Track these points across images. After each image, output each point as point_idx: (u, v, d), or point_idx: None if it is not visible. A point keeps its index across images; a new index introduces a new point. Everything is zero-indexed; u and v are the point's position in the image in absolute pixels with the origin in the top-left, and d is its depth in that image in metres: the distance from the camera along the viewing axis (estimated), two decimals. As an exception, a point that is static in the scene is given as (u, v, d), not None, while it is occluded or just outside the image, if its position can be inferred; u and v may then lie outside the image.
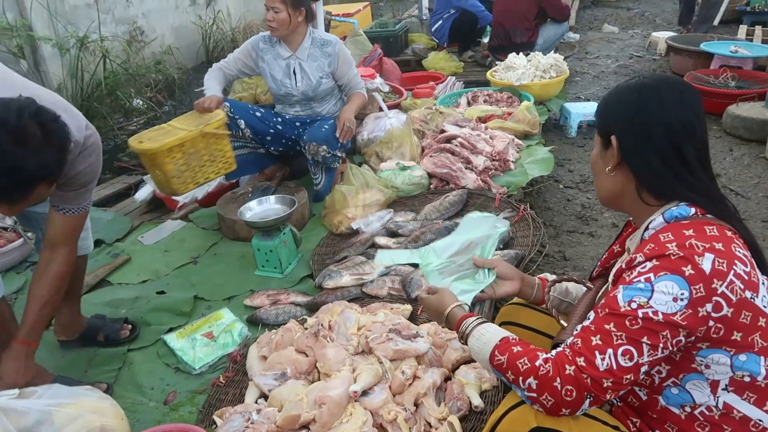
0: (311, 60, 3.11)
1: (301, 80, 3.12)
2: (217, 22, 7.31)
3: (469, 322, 1.36)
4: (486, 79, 4.87)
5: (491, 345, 1.26)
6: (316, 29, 3.19)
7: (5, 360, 1.72)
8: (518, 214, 2.75)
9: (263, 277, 2.65)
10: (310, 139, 2.98)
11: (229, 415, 1.78)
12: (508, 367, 1.20)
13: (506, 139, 3.50)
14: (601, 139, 1.31)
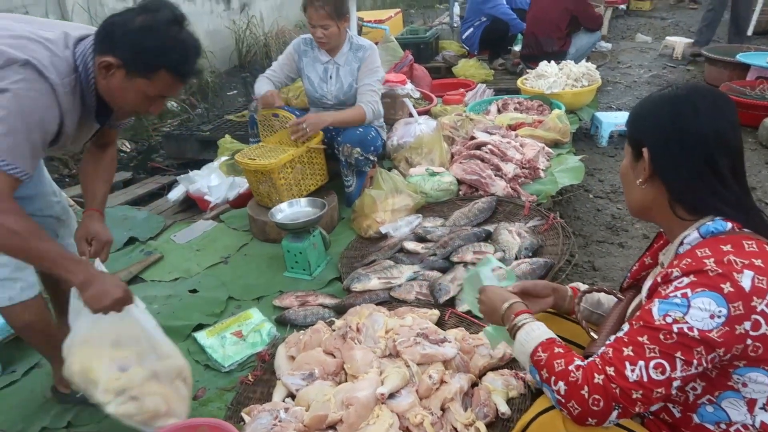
0: (347, 65, 3.14)
1: (335, 84, 3.16)
2: (251, 26, 7.43)
3: (526, 317, 1.36)
4: (516, 87, 4.86)
5: (538, 341, 1.26)
6: (355, 34, 3.22)
7: (91, 223, 1.84)
8: (548, 223, 2.74)
9: (292, 278, 2.69)
10: (344, 141, 3.01)
11: (257, 413, 1.81)
12: (545, 365, 1.21)
13: (536, 147, 3.49)
14: (632, 150, 1.28)
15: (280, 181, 2.88)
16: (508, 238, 2.58)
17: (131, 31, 1.54)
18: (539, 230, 2.73)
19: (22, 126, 1.48)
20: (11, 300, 1.79)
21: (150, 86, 1.59)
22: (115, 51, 1.54)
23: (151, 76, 1.57)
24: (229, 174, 3.60)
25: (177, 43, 1.57)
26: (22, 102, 1.47)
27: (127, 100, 1.62)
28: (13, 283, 1.78)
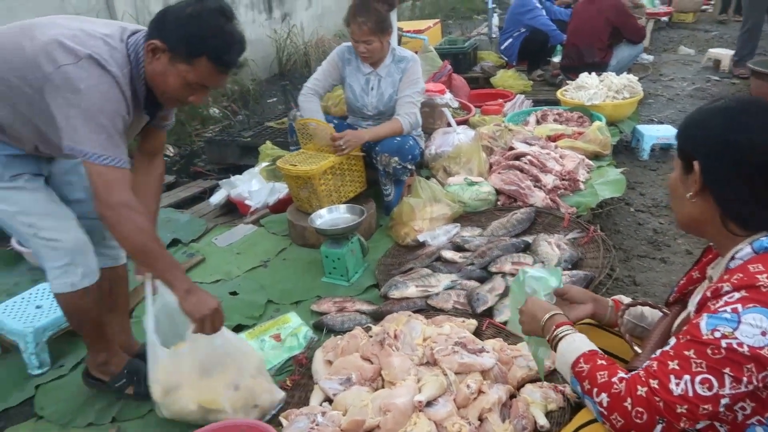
0: (388, 76, 3.16)
1: (375, 96, 3.19)
2: (291, 36, 7.56)
3: (567, 328, 1.36)
4: (555, 99, 4.82)
5: (579, 351, 1.26)
6: (397, 46, 3.24)
7: None
8: (588, 235, 2.71)
9: (330, 284, 2.72)
10: (382, 150, 3.03)
11: (294, 417, 1.83)
12: (587, 377, 1.20)
13: (576, 159, 3.46)
14: (681, 163, 1.25)
15: (320, 187, 2.92)
16: (547, 249, 2.56)
17: (179, 18, 1.63)
18: (579, 243, 2.70)
19: (105, 120, 1.58)
20: (73, 286, 1.82)
21: (191, 72, 1.65)
22: (163, 35, 1.63)
23: (193, 61, 1.64)
24: (269, 179, 3.67)
25: (220, 33, 1.64)
26: (95, 98, 1.56)
27: (169, 84, 1.68)
28: (75, 268, 1.81)
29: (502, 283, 2.41)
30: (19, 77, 1.60)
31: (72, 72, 1.55)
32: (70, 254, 1.79)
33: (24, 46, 1.59)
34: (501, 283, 2.41)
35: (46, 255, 1.79)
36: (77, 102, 1.55)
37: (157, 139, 2.04)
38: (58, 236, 1.77)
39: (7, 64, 1.60)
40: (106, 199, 1.60)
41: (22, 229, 1.76)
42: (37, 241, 1.77)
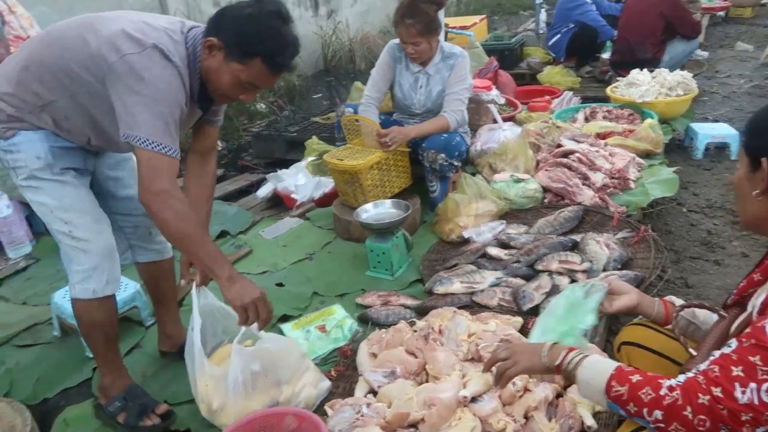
0: (437, 73, 3.15)
1: (424, 94, 3.18)
2: (337, 32, 7.61)
3: (576, 353, 1.29)
4: (604, 96, 4.71)
5: (606, 374, 1.19)
6: (446, 42, 3.22)
7: None
8: (638, 235, 2.64)
9: (374, 277, 2.74)
10: (429, 147, 3.03)
11: (339, 407, 1.86)
12: (630, 399, 1.14)
13: (627, 157, 3.37)
14: (748, 160, 1.22)
15: (366, 181, 2.94)
16: (596, 248, 2.51)
17: (237, 18, 1.65)
18: (629, 242, 2.64)
19: (165, 109, 1.62)
20: (94, 293, 1.79)
21: (244, 72, 1.67)
22: (220, 34, 1.66)
23: (246, 61, 1.66)
24: (315, 174, 3.71)
25: (275, 35, 1.65)
26: (159, 86, 1.60)
27: (222, 82, 1.71)
28: (100, 275, 1.78)
29: (548, 281, 2.38)
30: (82, 68, 1.63)
31: (136, 61, 1.58)
32: (98, 258, 1.78)
33: (88, 38, 1.63)
34: (547, 281, 2.38)
35: (74, 256, 1.78)
36: (139, 89, 1.58)
37: (209, 137, 2.06)
38: (91, 237, 1.76)
39: (71, 53, 1.64)
40: (149, 185, 1.61)
41: (57, 225, 1.75)
42: (69, 240, 1.76)
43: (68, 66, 1.64)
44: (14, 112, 1.69)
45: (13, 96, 1.68)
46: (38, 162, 1.71)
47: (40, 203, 1.75)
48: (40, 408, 2.16)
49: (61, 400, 2.19)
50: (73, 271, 1.79)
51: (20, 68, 1.68)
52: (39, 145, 1.71)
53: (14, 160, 1.72)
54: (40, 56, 1.68)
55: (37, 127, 1.71)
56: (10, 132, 1.70)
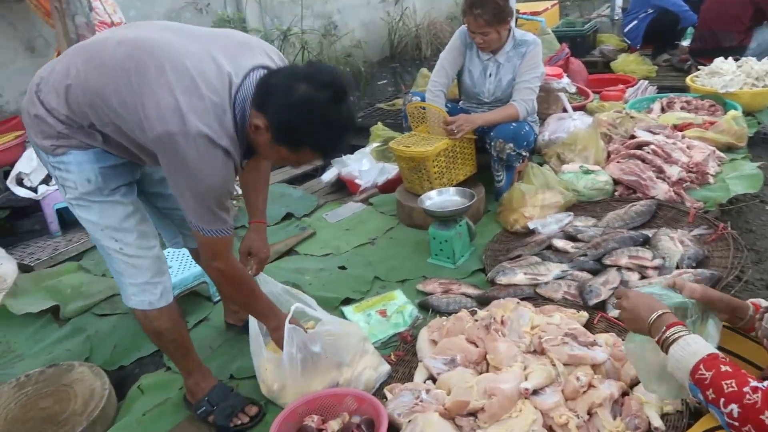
0: (508, 62, 3.08)
1: (493, 82, 3.12)
2: (404, 18, 7.57)
3: (680, 329, 1.27)
4: (683, 85, 4.48)
5: (698, 356, 1.18)
6: (518, 29, 3.13)
7: (253, 237, 2.07)
8: (716, 233, 2.51)
9: (435, 265, 2.73)
10: (497, 136, 2.97)
11: (399, 391, 1.87)
12: (711, 385, 1.12)
13: (706, 151, 3.20)
14: None
15: (432, 169, 2.93)
16: (669, 244, 2.41)
17: (288, 104, 1.48)
18: (705, 240, 2.52)
19: (211, 201, 1.58)
20: (151, 305, 1.81)
21: (291, 156, 1.59)
22: (267, 114, 1.51)
23: (294, 149, 1.56)
24: (379, 160, 3.73)
25: (328, 128, 1.52)
26: (203, 180, 1.53)
27: (270, 157, 1.71)
28: (154, 287, 1.80)
29: (617, 276, 2.30)
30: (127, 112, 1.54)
31: (180, 143, 1.47)
32: (150, 273, 1.79)
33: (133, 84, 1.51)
34: (616, 276, 2.30)
35: (126, 271, 1.77)
36: (184, 175, 1.52)
37: None
38: (142, 254, 1.76)
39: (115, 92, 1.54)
40: (210, 263, 1.72)
41: (107, 243, 1.74)
42: (121, 257, 1.75)
43: (113, 105, 1.55)
44: (64, 129, 1.62)
45: (63, 114, 1.61)
46: (88, 185, 1.67)
47: (89, 221, 1.73)
48: (117, 374, 2.29)
49: (135, 368, 2.32)
50: (126, 283, 1.80)
51: (66, 86, 1.59)
52: (89, 167, 1.65)
53: (63, 179, 1.68)
54: (85, 78, 1.57)
55: (87, 145, 1.65)
56: (60, 150, 1.64)
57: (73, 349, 2.43)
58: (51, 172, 1.72)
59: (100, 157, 1.67)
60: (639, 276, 2.34)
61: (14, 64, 4.09)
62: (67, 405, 2.04)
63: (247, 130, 1.59)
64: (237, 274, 1.77)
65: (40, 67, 1.72)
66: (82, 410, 1.99)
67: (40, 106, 1.62)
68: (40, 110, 1.62)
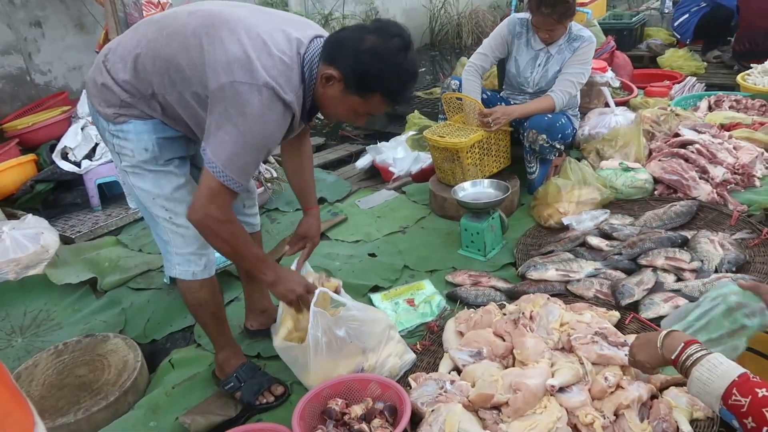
0: (559, 54, 3.02)
1: (540, 72, 3.07)
2: (446, 6, 7.49)
3: (697, 348, 1.20)
4: (733, 83, 4.33)
5: (728, 379, 1.11)
6: (575, 24, 3.07)
7: (311, 222, 2.10)
8: (759, 237, 2.43)
9: (466, 257, 2.71)
10: (530, 126, 2.93)
11: (423, 380, 1.88)
12: (750, 413, 1.06)
13: (754, 152, 3.09)
14: None
15: (466, 160, 2.90)
16: (708, 247, 2.35)
17: (359, 51, 1.55)
18: (747, 244, 2.44)
19: (251, 155, 1.60)
20: (194, 276, 1.85)
21: (362, 105, 1.63)
22: (339, 65, 1.57)
23: (366, 96, 1.60)
24: (414, 148, 3.71)
25: (399, 73, 1.58)
26: (254, 129, 1.55)
27: (338, 110, 1.69)
28: (198, 258, 1.84)
29: (652, 277, 2.25)
30: (194, 74, 1.59)
31: (245, 92, 1.52)
32: (196, 244, 1.82)
33: (205, 47, 1.57)
34: (651, 277, 2.25)
35: (173, 240, 1.81)
36: (237, 122, 1.53)
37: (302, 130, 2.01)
38: (190, 225, 1.74)
39: (186, 56, 1.59)
40: (199, 206, 1.62)
41: (157, 211, 1.78)
42: (170, 226, 1.79)
43: (181, 66, 1.60)
44: (127, 98, 1.67)
45: (128, 83, 1.66)
46: (145, 154, 1.72)
47: (142, 189, 1.77)
48: (149, 347, 2.35)
49: (167, 343, 2.38)
50: (172, 252, 1.84)
51: (135, 55, 1.65)
52: (147, 136, 1.71)
53: (120, 146, 1.73)
54: (155, 47, 1.63)
55: (147, 116, 1.70)
56: (121, 118, 1.69)
57: (109, 320, 2.50)
58: (108, 140, 1.77)
59: (158, 127, 1.73)
60: (675, 278, 2.29)
61: (63, 41, 4.20)
62: (101, 374, 2.11)
63: (314, 87, 1.65)
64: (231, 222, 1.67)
65: (88, 45, 1.78)
66: (116, 380, 2.06)
67: (107, 75, 1.68)
68: (107, 79, 1.68)
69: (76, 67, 4.28)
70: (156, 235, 1.88)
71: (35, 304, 2.66)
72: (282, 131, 1.65)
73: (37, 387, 2.08)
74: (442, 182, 3.15)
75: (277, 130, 1.62)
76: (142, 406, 2.00)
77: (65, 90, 4.18)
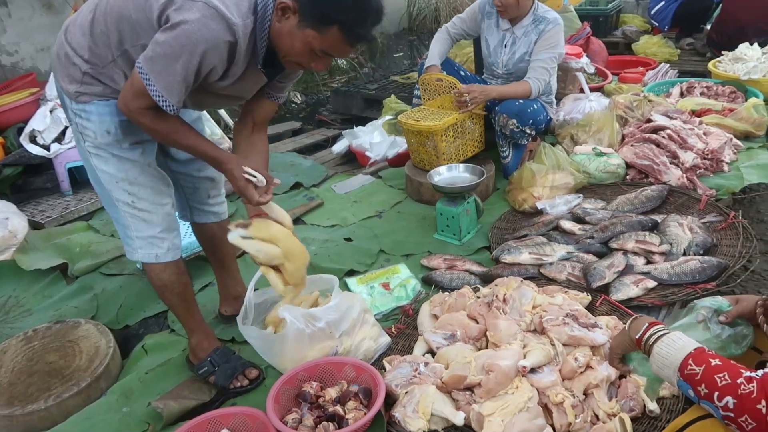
0: (524, 36, 3.04)
1: (508, 54, 3.10)
2: (423, -10, 7.44)
3: (660, 327, 1.26)
4: (704, 70, 4.39)
5: (685, 352, 1.16)
6: (542, 5, 3.09)
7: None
8: (726, 221, 2.49)
9: (441, 241, 2.73)
10: (501, 110, 2.96)
11: (397, 363, 1.89)
12: (703, 380, 1.10)
13: (723, 138, 3.15)
14: None
15: (441, 143, 2.91)
16: (677, 231, 2.39)
17: None
18: (715, 228, 2.49)
19: (182, 66, 1.49)
20: (157, 258, 1.82)
21: (318, 40, 1.53)
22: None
23: (323, 30, 1.51)
24: (390, 133, 3.71)
25: (357, 3, 1.49)
26: (187, 40, 1.46)
27: (294, 48, 1.56)
28: (161, 242, 1.82)
29: (622, 260, 2.29)
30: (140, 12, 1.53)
31: (182, 8, 1.46)
32: (158, 228, 1.80)
33: None
34: (621, 260, 2.29)
35: (134, 225, 1.78)
36: (169, 33, 1.46)
37: (265, 110, 1.89)
38: (152, 209, 1.77)
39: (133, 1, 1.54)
40: (125, 101, 1.57)
41: (119, 195, 1.74)
42: (131, 209, 1.76)
43: (130, 16, 1.54)
44: (89, 69, 1.62)
45: (88, 50, 1.61)
46: (108, 137, 1.68)
47: (105, 172, 1.73)
48: (122, 333, 2.33)
49: (140, 328, 2.36)
50: (132, 237, 1.81)
51: (90, 19, 1.61)
52: (110, 119, 1.66)
53: (83, 126, 1.69)
54: (107, 5, 1.59)
55: (110, 94, 1.65)
56: (83, 97, 1.65)
57: (80, 306, 2.47)
58: (71, 119, 1.73)
59: None
60: (645, 261, 2.33)
61: (31, 21, 4.08)
62: (72, 360, 2.08)
63: (270, 24, 1.55)
64: (160, 117, 1.59)
65: (56, 25, 1.74)
66: (87, 366, 2.03)
67: (67, 46, 1.64)
68: (68, 49, 1.64)
69: (44, 48, 4.16)
70: (115, 219, 1.85)
71: (4, 291, 2.61)
72: (220, 52, 1.52)
73: (5, 374, 2.05)
74: (418, 167, 3.16)
75: (212, 44, 1.48)
76: (115, 392, 1.98)
77: (33, 71, 4.07)
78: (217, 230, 2.17)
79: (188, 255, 2.55)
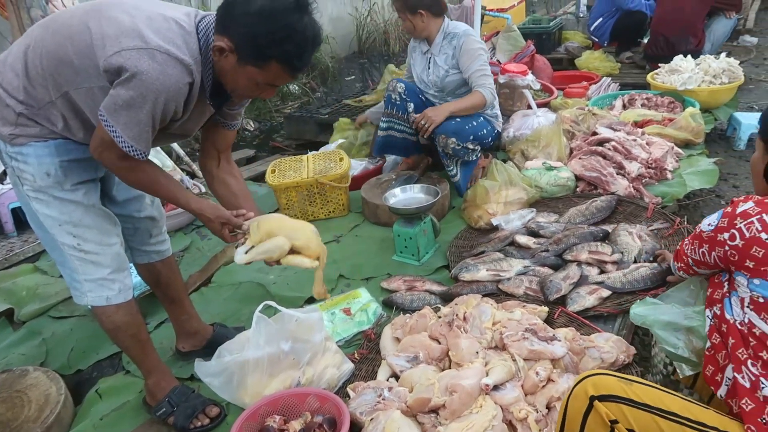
0: (441, 53, 3.20)
1: (432, 73, 3.24)
2: (372, 14, 7.56)
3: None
4: (644, 82, 4.57)
5: None
6: (452, 22, 3.24)
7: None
8: (673, 227, 2.57)
9: (400, 262, 2.73)
10: (439, 132, 3.01)
11: (361, 389, 1.87)
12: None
13: (665, 147, 3.28)
14: (763, 145, 1.50)
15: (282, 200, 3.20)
16: (627, 239, 2.46)
17: (248, 14, 1.46)
18: (663, 235, 2.57)
19: (147, 116, 1.49)
20: (108, 300, 1.77)
21: (260, 74, 1.54)
22: (230, 34, 1.49)
23: (262, 65, 1.51)
24: (344, 157, 3.70)
25: (292, 34, 1.47)
26: (147, 90, 1.45)
27: (238, 84, 1.59)
28: (111, 283, 1.76)
29: (577, 271, 2.34)
30: (82, 58, 1.50)
31: (133, 57, 1.43)
32: (108, 270, 1.75)
33: (91, 26, 1.49)
34: (576, 271, 2.33)
35: (81, 268, 1.73)
36: (132, 82, 1.44)
37: (224, 138, 1.91)
38: (99, 251, 1.72)
39: (72, 43, 1.50)
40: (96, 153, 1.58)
41: (63, 239, 1.69)
42: (77, 253, 1.70)
43: (69, 58, 1.50)
44: (24, 110, 1.57)
45: (23, 91, 1.56)
46: (48, 179, 1.63)
47: (47, 215, 1.67)
48: (74, 378, 2.24)
49: (93, 372, 2.27)
50: (80, 280, 1.75)
51: (24, 60, 1.56)
52: (49, 160, 1.61)
53: (20, 170, 1.63)
54: (42, 45, 1.54)
55: (48, 135, 1.61)
56: (19, 140, 1.59)
57: (28, 353, 2.36)
58: (7, 163, 1.65)
59: (61, 149, 1.63)
60: (598, 270, 2.38)
61: (-34, 59, 3.95)
62: (20, 411, 1.98)
63: (213, 59, 1.55)
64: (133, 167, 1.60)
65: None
66: (36, 416, 1.94)
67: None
68: (0, 92, 1.58)
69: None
70: (60, 263, 1.78)
71: (-56, 341, 2.48)
72: (182, 95, 1.53)
73: (-52, 431, 1.94)
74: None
75: (174, 90, 1.49)
76: (68, 442, 1.90)
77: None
78: (162, 268, 2.09)
79: (140, 293, 2.48)
